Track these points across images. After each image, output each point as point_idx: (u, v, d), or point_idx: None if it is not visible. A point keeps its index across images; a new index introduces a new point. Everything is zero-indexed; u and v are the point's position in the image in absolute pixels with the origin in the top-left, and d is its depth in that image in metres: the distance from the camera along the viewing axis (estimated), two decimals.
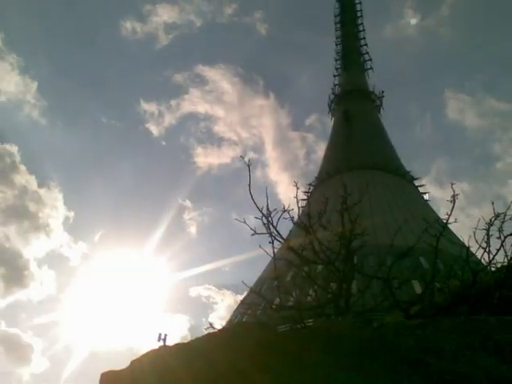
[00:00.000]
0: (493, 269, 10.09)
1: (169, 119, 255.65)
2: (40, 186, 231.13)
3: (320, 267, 12.31)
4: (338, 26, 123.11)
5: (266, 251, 11.45)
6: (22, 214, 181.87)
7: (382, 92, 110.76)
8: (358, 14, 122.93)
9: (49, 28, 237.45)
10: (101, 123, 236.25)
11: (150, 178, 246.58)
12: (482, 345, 5.67)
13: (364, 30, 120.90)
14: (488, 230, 9.92)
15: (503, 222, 9.92)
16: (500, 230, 9.89)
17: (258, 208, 11.23)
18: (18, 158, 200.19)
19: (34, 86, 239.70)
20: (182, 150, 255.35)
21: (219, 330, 7.92)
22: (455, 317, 6.69)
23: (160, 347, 7.55)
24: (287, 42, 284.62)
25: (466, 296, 9.31)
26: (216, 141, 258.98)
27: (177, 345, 7.32)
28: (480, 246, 10.08)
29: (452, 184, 10.94)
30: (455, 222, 11.06)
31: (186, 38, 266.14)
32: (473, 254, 10.57)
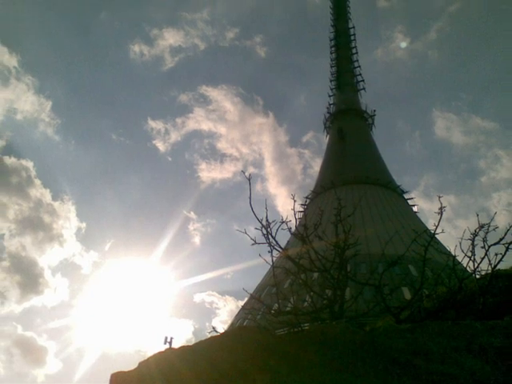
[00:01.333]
0: (477, 276, 10.10)
1: (174, 136, 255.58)
2: (54, 198, 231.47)
3: (316, 275, 12.32)
4: (333, 49, 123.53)
5: (265, 260, 11.45)
6: (38, 225, 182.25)
7: (374, 111, 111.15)
8: (352, 38, 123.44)
9: (62, 50, 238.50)
10: (111, 140, 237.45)
11: (157, 191, 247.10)
12: (468, 347, 5.68)
13: (357, 53, 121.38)
14: (473, 240, 9.94)
15: (487, 233, 9.94)
16: (484, 240, 9.91)
17: (257, 219, 11.25)
18: (33, 173, 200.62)
19: (49, 105, 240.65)
20: (187, 165, 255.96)
21: (222, 334, 7.90)
22: (442, 321, 6.70)
23: (166, 349, 7.54)
24: (285, 64, 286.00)
25: (453, 302, 9.32)
26: (219, 157, 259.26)
27: (182, 347, 7.31)
28: (465, 255, 10.10)
29: (439, 197, 10.97)
30: (442, 232, 11.08)
31: (190, 60, 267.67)
32: (459, 263, 10.59)
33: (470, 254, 10.05)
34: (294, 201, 12.28)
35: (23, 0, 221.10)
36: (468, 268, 10.29)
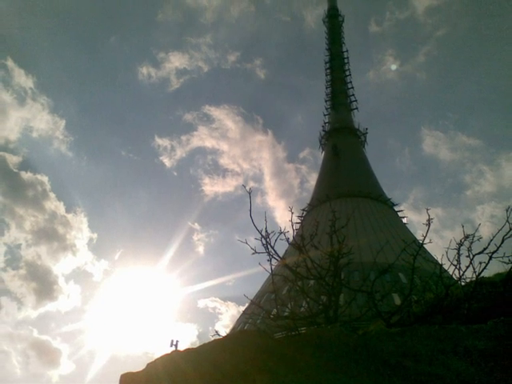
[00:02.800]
0: (463, 283, 10.09)
1: (180, 153, 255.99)
2: (67, 211, 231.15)
3: (312, 282, 12.29)
4: (328, 71, 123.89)
5: (264, 268, 11.45)
6: (52, 235, 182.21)
7: (366, 129, 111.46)
8: (345, 61, 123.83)
9: (75, 73, 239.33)
10: (120, 156, 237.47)
11: (164, 204, 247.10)
12: (454, 350, 5.68)
13: (350, 75, 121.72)
14: (458, 250, 9.94)
15: (472, 243, 9.95)
16: (469, 250, 9.91)
17: (257, 230, 11.26)
18: (48, 187, 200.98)
19: (62, 123, 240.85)
20: (191, 180, 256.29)
21: (224, 337, 7.87)
22: (430, 325, 6.69)
23: (172, 352, 7.52)
24: (283, 86, 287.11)
25: (440, 307, 9.30)
26: (221, 172, 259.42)
27: (187, 350, 7.30)
28: (451, 263, 10.09)
29: (427, 209, 10.99)
30: (430, 242, 11.08)
31: (194, 81, 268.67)
32: (445, 271, 10.58)
33: (455, 262, 10.06)
34: (292, 213, 12.30)
35: (39, 25, 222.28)
36: (454, 276, 10.29)
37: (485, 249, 9.78)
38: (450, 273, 10.48)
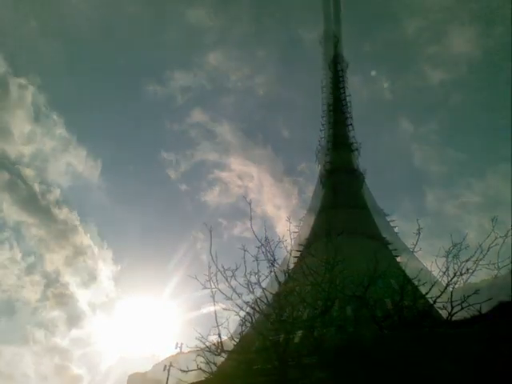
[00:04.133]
0: (451, 289, 10.10)
1: (184, 166, 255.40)
2: (81, 221, 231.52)
3: (309, 288, 12.31)
4: (324, 89, 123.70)
5: (264, 274, 11.46)
6: (64, 242, 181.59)
7: (360, 143, 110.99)
8: (340, 79, 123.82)
9: (84, 91, 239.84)
10: (129, 169, 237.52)
11: (170, 213, 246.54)
12: (443, 352, 5.68)
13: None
14: (447, 257, 9.98)
15: (459, 251, 10.00)
16: (457, 257, 9.95)
17: (257, 239, 11.30)
18: (60, 198, 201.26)
19: (74, 139, 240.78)
20: (196, 191, 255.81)
21: (225, 340, 7.88)
22: (421, 329, 6.71)
23: (177, 354, 7.53)
24: (282, 102, 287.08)
25: (429, 312, 9.32)
26: (223, 184, 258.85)
27: (190, 352, 7.31)
28: (441, 270, 10.13)
29: (417, 219, 11.03)
30: (420, 250, 11.13)
31: (198, 98, 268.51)
32: (435, 277, 10.60)
33: (444, 269, 10.09)
34: (290, 223, 12.35)
35: (51, 46, 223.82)
36: (443, 282, 10.31)
37: (472, 256, 9.81)
38: (439, 279, 10.50)
